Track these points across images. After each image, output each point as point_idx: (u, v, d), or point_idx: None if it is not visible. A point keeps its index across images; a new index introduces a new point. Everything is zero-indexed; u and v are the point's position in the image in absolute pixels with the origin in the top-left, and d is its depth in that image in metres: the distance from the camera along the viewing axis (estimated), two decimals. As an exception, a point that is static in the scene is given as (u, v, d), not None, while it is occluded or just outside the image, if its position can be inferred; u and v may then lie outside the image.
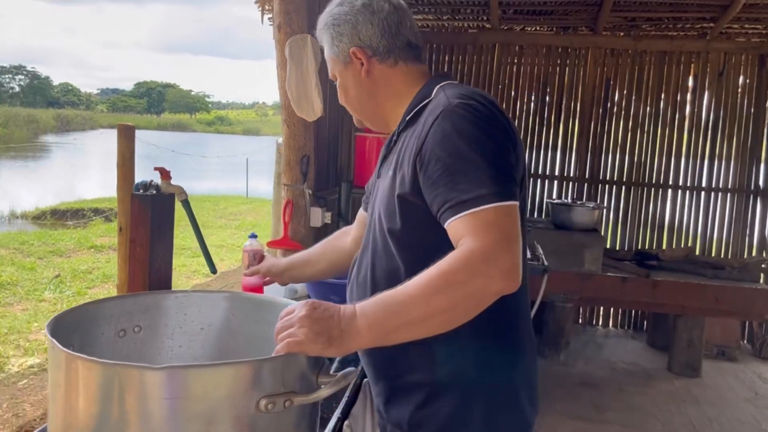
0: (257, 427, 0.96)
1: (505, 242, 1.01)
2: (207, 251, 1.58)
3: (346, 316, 1.00)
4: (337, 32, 1.28)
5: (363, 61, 1.27)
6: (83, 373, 0.95)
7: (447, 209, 1.06)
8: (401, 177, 1.16)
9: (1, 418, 3.41)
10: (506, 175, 1.07)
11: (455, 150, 1.07)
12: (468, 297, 1.00)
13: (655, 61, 5.06)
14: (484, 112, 1.12)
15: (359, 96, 1.32)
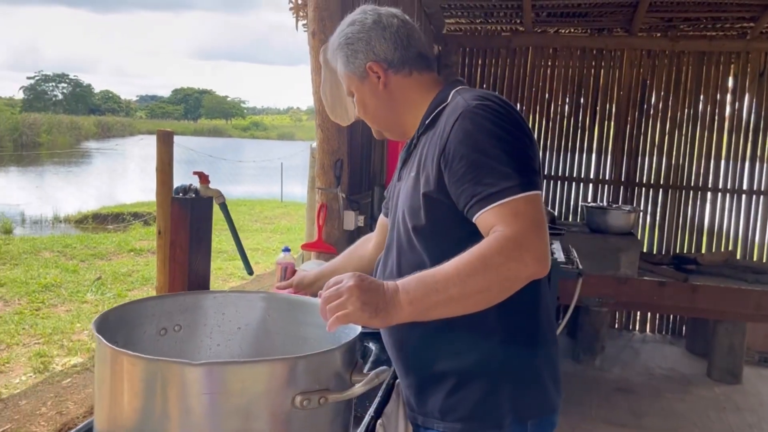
0: (293, 423, 0.99)
1: (535, 229, 1.08)
2: (244, 253, 1.62)
3: (389, 290, 1.06)
4: (352, 50, 1.33)
5: (379, 74, 1.32)
6: (128, 368, 0.99)
7: (475, 203, 1.13)
8: (425, 177, 1.23)
9: (46, 415, 3.53)
10: (528, 167, 1.15)
11: (478, 147, 1.15)
12: (503, 280, 1.07)
13: (693, 62, 4.97)
14: (501, 110, 1.19)
15: (377, 108, 1.37)
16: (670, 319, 5.17)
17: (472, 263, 1.06)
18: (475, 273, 1.06)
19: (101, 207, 13.25)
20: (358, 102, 1.38)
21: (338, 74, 1.40)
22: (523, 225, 1.08)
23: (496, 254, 1.06)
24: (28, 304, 5.80)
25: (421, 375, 1.30)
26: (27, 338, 4.92)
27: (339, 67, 1.37)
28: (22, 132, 33.62)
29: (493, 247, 1.07)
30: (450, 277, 1.06)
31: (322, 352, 1.03)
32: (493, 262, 1.06)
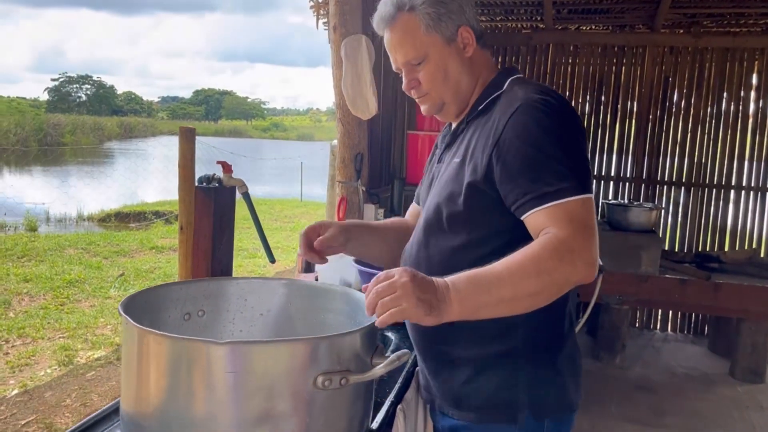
0: (315, 403, 1.00)
1: (587, 234, 1.07)
2: (266, 241, 1.64)
3: (441, 287, 1.04)
4: (446, 9, 1.24)
5: (470, 41, 1.27)
6: (154, 347, 1.01)
7: (528, 200, 1.10)
8: (473, 166, 1.19)
9: (70, 407, 3.59)
10: (584, 169, 1.13)
11: (536, 143, 1.12)
12: (553, 283, 1.06)
13: (716, 59, 4.91)
14: (561, 109, 1.17)
15: (460, 77, 1.28)
16: (692, 317, 5.11)
17: (524, 266, 1.05)
18: (527, 276, 1.04)
19: (124, 206, 13.44)
20: (436, 68, 1.27)
21: (407, 34, 1.26)
22: (577, 229, 1.07)
23: (549, 258, 1.05)
24: (53, 299, 5.91)
25: (440, 359, 1.29)
26: (52, 332, 5.01)
27: (419, 25, 1.24)
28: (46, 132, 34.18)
29: (547, 251, 1.05)
30: (502, 278, 1.04)
31: (343, 334, 1.04)
32: (546, 266, 1.04)
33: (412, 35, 1.25)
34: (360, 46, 2.93)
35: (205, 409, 0.98)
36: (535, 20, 5.15)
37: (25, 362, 4.37)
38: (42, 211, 12.05)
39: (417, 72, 1.27)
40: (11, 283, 6.36)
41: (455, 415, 1.27)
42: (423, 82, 1.28)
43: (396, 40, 1.27)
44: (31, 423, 3.35)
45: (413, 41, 1.25)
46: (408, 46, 1.26)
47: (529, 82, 1.25)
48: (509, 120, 1.15)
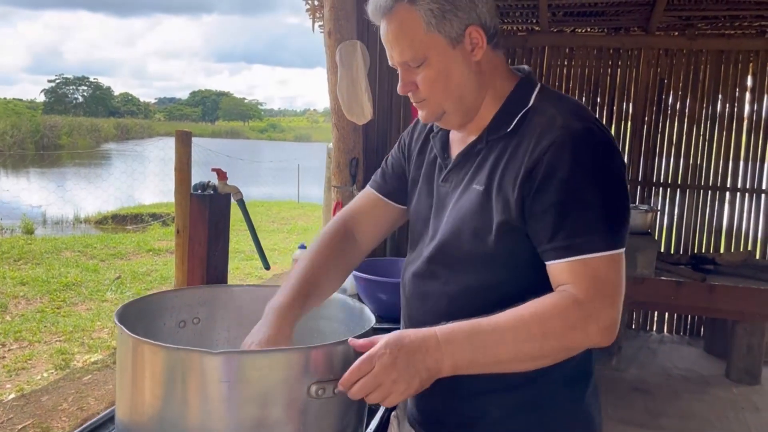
0: (309, 412, 1.01)
1: (609, 297, 0.99)
2: (261, 248, 1.65)
3: (431, 352, 0.96)
4: (452, 5, 1.06)
5: (480, 42, 1.09)
6: (149, 357, 1.02)
7: (551, 249, 1.01)
8: (503, 200, 1.05)
9: (67, 411, 3.59)
10: (621, 220, 1.03)
11: (572, 186, 1.00)
12: (560, 349, 1.00)
13: (711, 61, 4.93)
14: (606, 144, 1.04)
15: (465, 84, 1.11)
16: (688, 319, 5.12)
17: (529, 327, 0.97)
18: (531, 339, 0.97)
19: (120, 208, 13.43)
20: (437, 72, 1.09)
21: (405, 31, 1.08)
22: (598, 291, 0.98)
23: (558, 322, 0.97)
24: (50, 303, 5.90)
25: (461, 410, 1.15)
26: (48, 336, 5.01)
27: (419, 23, 1.07)
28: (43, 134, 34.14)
29: (558, 313, 0.97)
30: (503, 338, 0.97)
31: (336, 343, 1.05)
32: (553, 331, 0.97)
33: (411, 33, 1.07)
34: (355, 52, 2.94)
35: (199, 419, 0.99)
36: (530, 23, 5.16)
37: (21, 366, 4.37)
38: (38, 214, 12.03)
39: (415, 74, 1.11)
40: (7, 286, 6.35)
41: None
42: (421, 87, 1.11)
43: (392, 35, 1.10)
44: (28, 427, 3.35)
45: (411, 40, 1.08)
46: (405, 44, 1.09)
47: (559, 98, 1.11)
48: (546, 153, 1.01)
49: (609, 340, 0.99)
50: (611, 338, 0.99)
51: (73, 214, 12.38)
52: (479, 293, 1.09)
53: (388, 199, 1.33)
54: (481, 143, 1.12)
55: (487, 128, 1.12)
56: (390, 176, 1.33)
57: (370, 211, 1.35)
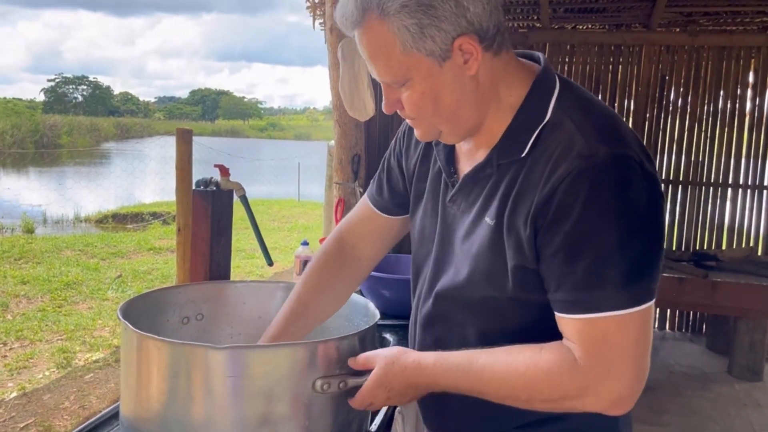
0: (314, 407, 1.01)
1: (615, 367, 0.85)
2: (263, 244, 1.64)
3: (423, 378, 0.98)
4: (432, 15, 0.85)
5: (473, 53, 0.89)
6: (153, 352, 1.02)
7: (558, 301, 0.89)
8: (515, 241, 0.91)
9: (69, 409, 3.59)
10: (647, 272, 0.86)
11: (586, 226, 0.84)
12: (549, 408, 0.93)
13: (713, 57, 4.92)
14: (636, 176, 0.85)
15: (459, 103, 0.93)
16: (690, 316, 5.12)
17: (515, 388, 0.90)
18: (515, 399, 0.92)
19: (121, 207, 13.43)
20: (418, 96, 0.92)
21: (379, 50, 0.90)
22: (601, 359, 0.85)
23: (548, 388, 0.88)
24: (51, 302, 5.90)
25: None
26: (50, 334, 5.01)
27: (397, 42, 0.88)
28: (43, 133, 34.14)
29: (549, 380, 0.87)
30: (490, 386, 0.92)
31: (341, 338, 1.05)
32: (541, 398, 0.89)
33: (386, 52, 0.89)
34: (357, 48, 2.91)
35: (204, 414, 0.98)
36: (531, 19, 5.15)
37: (23, 365, 4.37)
38: (39, 213, 12.03)
39: (399, 93, 0.94)
40: (8, 285, 6.35)
41: None
42: (406, 108, 0.95)
43: (366, 52, 0.92)
44: (30, 426, 3.35)
45: (388, 59, 0.90)
46: (381, 64, 0.91)
47: (584, 107, 0.92)
48: (560, 185, 0.85)
49: (617, 412, 0.87)
50: (621, 410, 0.87)
51: (74, 213, 12.38)
52: (497, 339, 0.96)
53: (387, 214, 1.23)
54: (490, 167, 0.96)
55: (498, 149, 0.95)
56: (387, 189, 1.22)
57: (369, 226, 1.26)
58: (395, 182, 1.21)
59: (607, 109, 0.95)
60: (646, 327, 0.86)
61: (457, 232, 1.02)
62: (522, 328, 0.96)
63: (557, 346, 0.90)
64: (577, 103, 0.93)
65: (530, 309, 0.95)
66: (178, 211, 1.97)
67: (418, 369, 0.98)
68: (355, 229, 1.27)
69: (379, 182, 1.24)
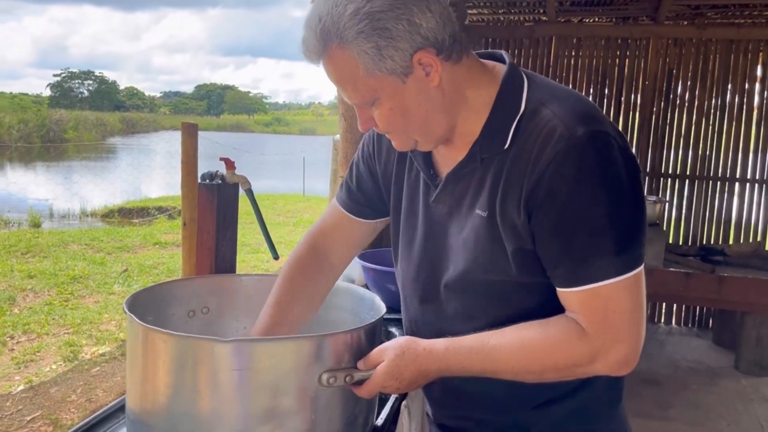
0: (320, 400, 1.00)
1: (621, 330, 0.92)
2: (269, 237, 1.64)
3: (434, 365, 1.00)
4: (388, 37, 0.90)
5: (433, 65, 0.94)
6: (159, 345, 1.01)
7: (558, 276, 0.95)
8: (511, 228, 0.95)
9: (75, 402, 3.60)
10: (635, 238, 0.92)
11: (576, 205, 0.90)
12: (561, 377, 0.98)
13: (720, 50, 4.88)
14: (613, 150, 0.91)
15: (428, 113, 0.97)
16: (697, 311, 5.10)
17: (528, 361, 0.95)
18: (529, 372, 0.96)
19: (127, 201, 13.46)
20: (388, 112, 0.97)
21: (344, 76, 0.95)
22: (608, 325, 0.92)
23: (560, 357, 0.94)
24: (58, 296, 5.92)
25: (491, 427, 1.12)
26: (57, 328, 5.03)
27: (359, 67, 0.93)
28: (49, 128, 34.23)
29: (560, 350, 0.94)
30: (503, 364, 0.97)
31: (347, 331, 1.04)
32: (554, 366, 0.95)
33: (351, 77, 0.94)
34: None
35: (210, 407, 0.98)
36: (537, 13, 5.12)
37: (30, 358, 4.39)
38: (45, 207, 12.08)
39: (370, 111, 0.99)
40: (15, 279, 6.38)
41: None
42: (379, 124, 1.00)
43: (333, 79, 0.97)
44: (37, 419, 3.36)
45: (354, 84, 0.95)
46: (349, 88, 0.96)
47: (553, 93, 0.97)
48: (546, 170, 0.90)
49: (624, 372, 0.95)
50: (627, 370, 0.95)
51: (80, 208, 12.42)
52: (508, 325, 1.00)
53: (357, 217, 1.25)
54: (474, 162, 1.00)
55: (479, 144, 0.99)
56: (356, 192, 1.24)
57: (340, 229, 1.28)
58: (366, 187, 1.23)
59: (575, 93, 1.00)
60: (641, 290, 0.94)
61: (450, 229, 1.05)
62: (530, 312, 0.99)
63: (563, 318, 0.95)
64: (548, 91, 0.98)
65: (536, 293, 0.99)
66: (183, 205, 1.97)
67: (430, 356, 1.00)
68: (328, 234, 1.29)
69: (348, 187, 1.26)
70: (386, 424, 1.22)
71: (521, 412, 1.08)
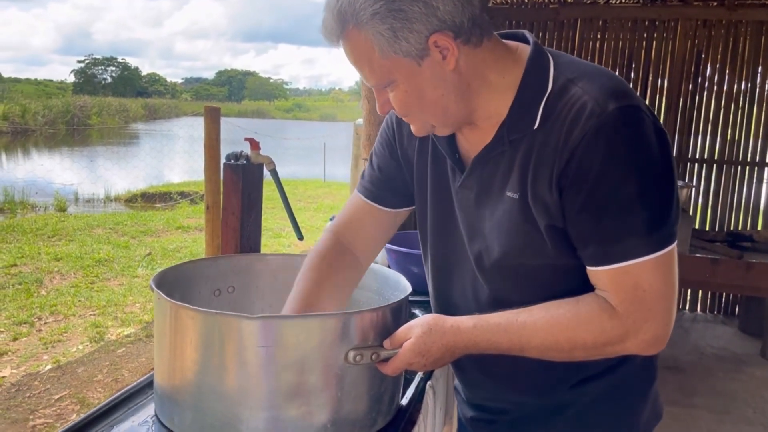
0: (346, 378, 1.00)
1: (652, 309, 0.91)
2: (294, 218, 1.64)
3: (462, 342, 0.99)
4: (403, 18, 0.89)
5: (449, 48, 0.92)
6: (187, 322, 1.02)
7: (589, 255, 0.93)
8: (543, 208, 0.94)
9: (102, 382, 3.66)
10: (667, 215, 0.90)
11: (607, 183, 0.88)
12: (590, 356, 0.97)
13: (751, 32, 4.77)
14: (647, 128, 0.89)
15: (444, 97, 0.96)
16: (722, 297, 5.03)
17: (557, 339, 0.94)
18: (558, 350, 0.95)
19: (149, 186, 13.59)
20: (403, 95, 0.96)
21: (361, 57, 0.95)
22: (639, 303, 0.90)
23: (590, 337, 0.93)
24: (83, 278, 6.01)
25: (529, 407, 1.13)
26: (83, 310, 5.11)
27: (374, 47, 0.92)
28: (73, 114, 34.63)
29: (591, 329, 0.93)
30: (531, 341, 0.96)
31: (373, 309, 1.04)
32: (584, 345, 0.94)
33: (367, 58, 0.94)
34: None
35: (237, 383, 0.98)
36: (562, -6, 5.04)
37: (57, 338, 4.47)
38: (71, 192, 12.24)
39: (386, 94, 0.99)
40: (42, 261, 6.49)
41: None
42: (396, 107, 0.99)
43: (351, 60, 0.98)
44: (65, 398, 3.43)
45: (370, 65, 0.95)
46: (365, 70, 0.96)
47: (581, 71, 0.94)
48: (577, 148, 0.89)
49: (653, 351, 0.94)
50: (657, 349, 0.94)
51: (104, 193, 12.57)
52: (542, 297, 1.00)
53: (381, 206, 1.22)
54: (502, 144, 0.98)
55: (507, 126, 0.97)
56: (378, 179, 1.22)
57: (363, 221, 1.24)
58: (388, 171, 1.21)
59: (604, 69, 0.97)
60: (673, 267, 0.91)
61: (482, 213, 1.03)
62: (566, 296, 0.97)
63: (593, 296, 0.94)
64: (575, 68, 0.96)
65: (573, 276, 0.98)
66: (207, 188, 1.98)
67: (458, 332, 0.99)
68: (350, 227, 1.25)
69: (369, 173, 1.23)
70: (411, 403, 1.22)
71: (558, 393, 1.08)
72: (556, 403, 1.09)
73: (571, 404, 1.08)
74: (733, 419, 3.32)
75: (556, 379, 1.07)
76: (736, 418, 3.33)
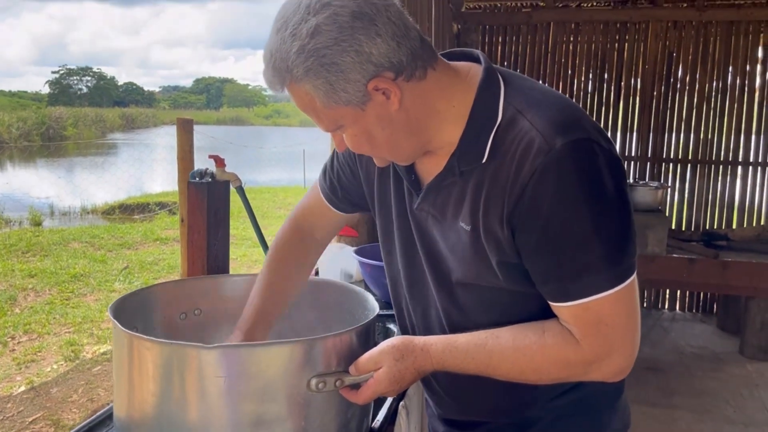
0: (310, 406, 0.97)
1: (615, 342, 0.91)
2: (261, 235, 1.61)
3: (428, 363, 0.99)
4: (337, 71, 0.86)
5: (390, 89, 0.89)
6: (143, 353, 0.98)
7: (548, 292, 0.93)
8: (494, 241, 0.93)
9: (77, 402, 3.59)
10: (624, 249, 0.89)
11: (560, 221, 0.87)
12: (555, 381, 0.99)
13: (721, 32, 4.82)
14: (601, 160, 0.87)
15: (393, 137, 0.94)
16: (701, 296, 5.07)
17: (522, 369, 0.95)
18: (523, 377, 0.97)
19: (127, 197, 13.43)
20: (352, 137, 0.95)
21: (305, 107, 0.93)
22: (603, 338, 0.91)
23: (555, 366, 0.94)
24: (59, 294, 5.91)
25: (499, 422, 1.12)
26: (58, 327, 5.02)
27: (316, 100, 0.90)
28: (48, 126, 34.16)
29: (555, 358, 0.94)
30: (499, 367, 0.97)
31: (337, 334, 1.01)
32: (548, 375, 0.96)
33: (312, 108, 0.92)
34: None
35: (198, 415, 0.95)
36: (535, -2, 5.06)
37: (31, 358, 4.38)
38: (46, 205, 12.05)
39: (339, 135, 0.98)
40: (16, 278, 6.37)
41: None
42: (350, 146, 0.98)
43: (298, 107, 0.95)
44: (38, 420, 3.35)
45: (316, 114, 0.93)
46: (313, 117, 0.95)
47: (531, 99, 0.92)
48: (527, 185, 0.87)
49: (617, 379, 0.95)
50: (620, 377, 0.95)
51: (81, 205, 12.40)
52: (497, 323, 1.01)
53: (336, 209, 1.28)
54: (452, 175, 0.97)
55: (457, 157, 0.95)
56: (336, 186, 1.24)
57: (323, 216, 1.31)
58: (346, 183, 1.23)
59: (553, 94, 0.95)
60: (634, 299, 0.92)
61: (437, 236, 1.03)
62: (531, 316, 0.98)
63: (559, 329, 0.94)
64: (525, 97, 0.93)
65: (532, 300, 0.97)
66: (180, 201, 1.95)
67: (427, 357, 0.99)
68: (309, 214, 1.32)
69: (329, 177, 1.26)
70: (383, 426, 1.20)
71: (527, 410, 1.08)
72: (525, 418, 1.09)
73: (540, 418, 1.09)
74: (714, 418, 3.34)
75: (524, 399, 1.07)
76: (717, 417, 3.34)
